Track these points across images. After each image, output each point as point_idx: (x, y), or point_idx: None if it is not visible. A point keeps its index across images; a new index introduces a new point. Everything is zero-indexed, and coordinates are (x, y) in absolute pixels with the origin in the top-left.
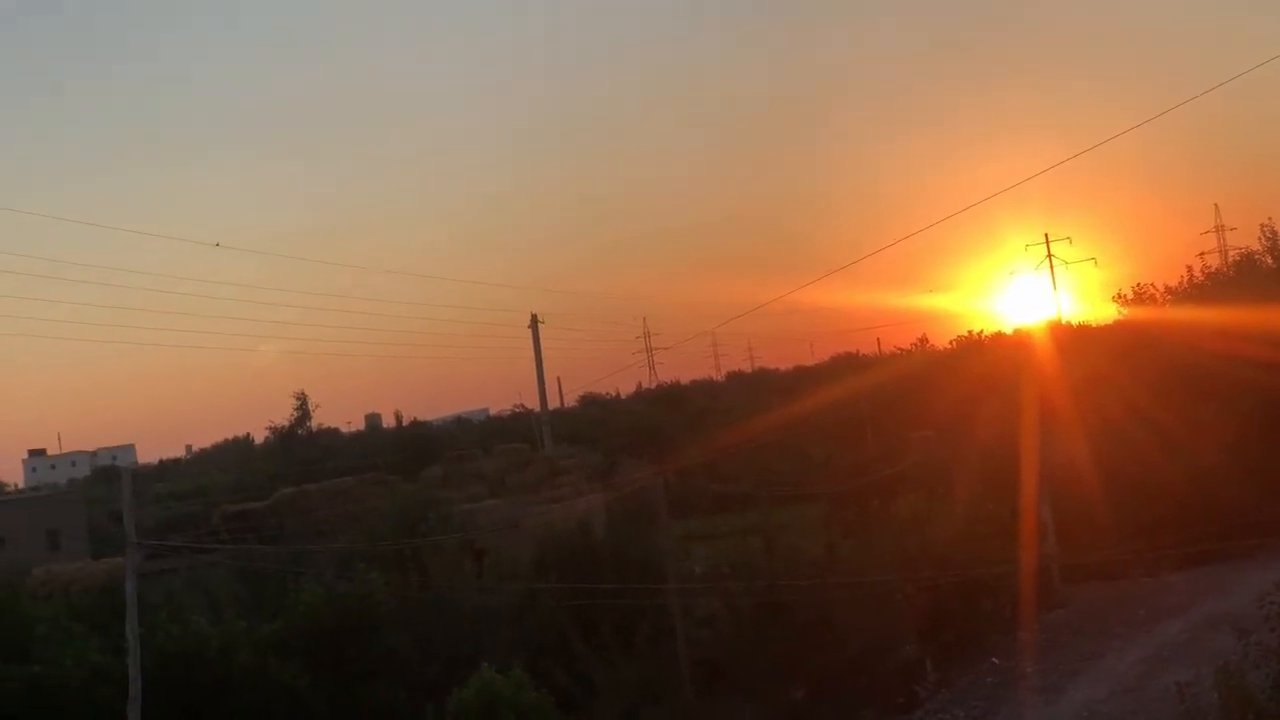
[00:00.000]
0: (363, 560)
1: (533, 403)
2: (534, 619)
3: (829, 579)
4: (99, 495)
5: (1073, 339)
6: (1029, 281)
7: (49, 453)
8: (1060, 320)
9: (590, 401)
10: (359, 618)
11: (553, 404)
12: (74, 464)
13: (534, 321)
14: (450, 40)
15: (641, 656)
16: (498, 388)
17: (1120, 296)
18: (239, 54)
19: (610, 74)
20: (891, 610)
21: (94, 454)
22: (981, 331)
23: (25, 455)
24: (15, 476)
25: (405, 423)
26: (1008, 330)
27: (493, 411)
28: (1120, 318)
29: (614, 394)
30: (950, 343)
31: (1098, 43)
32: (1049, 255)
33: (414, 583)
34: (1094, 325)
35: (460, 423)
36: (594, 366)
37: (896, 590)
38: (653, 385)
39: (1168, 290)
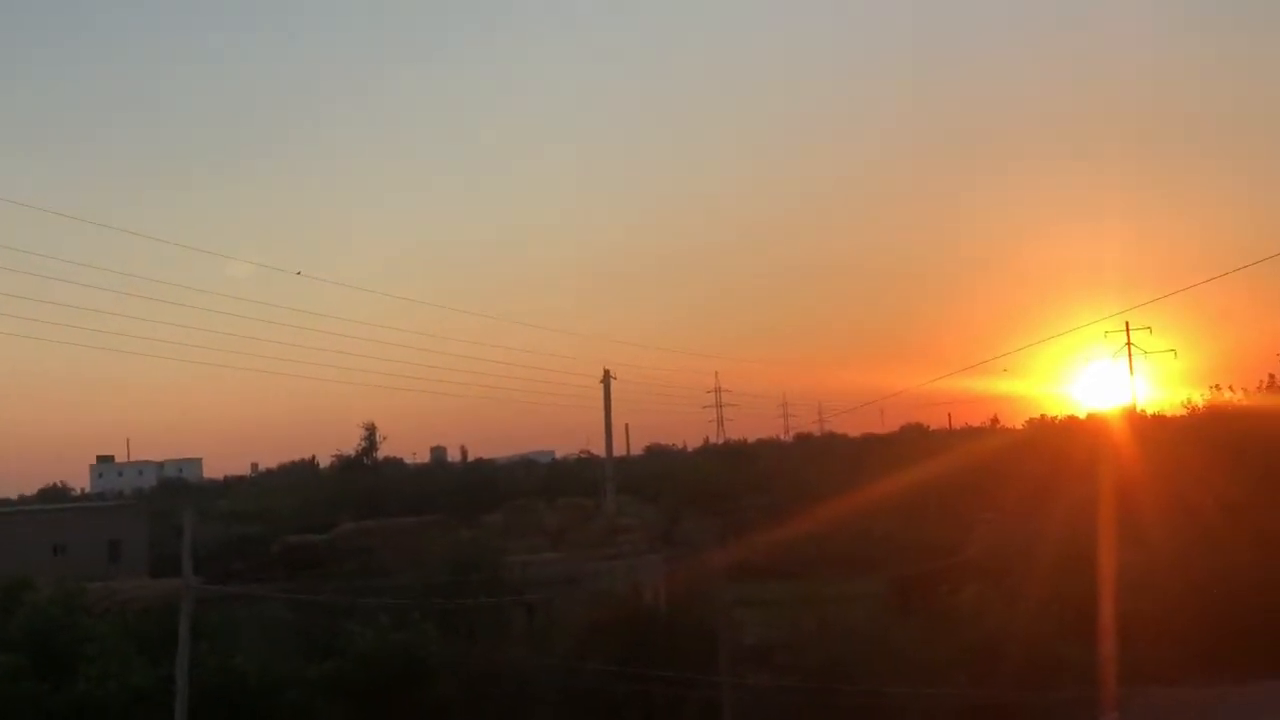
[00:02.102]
0: (418, 610)
1: (599, 448)
2: (584, 679)
3: (883, 663)
4: (163, 508)
5: (1150, 428)
6: (1105, 367)
7: (117, 460)
8: (1136, 408)
9: (656, 452)
10: (412, 667)
11: (619, 450)
12: (141, 473)
13: (606, 377)
14: (547, 95)
15: None
16: (566, 430)
17: (1216, 387)
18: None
19: (681, 134)
20: (945, 700)
21: (161, 465)
22: (1055, 416)
23: (93, 460)
24: (82, 481)
25: (470, 459)
26: (1081, 415)
27: (559, 455)
28: (1203, 407)
29: (681, 445)
30: (1023, 424)
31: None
32: (1129, 344)
33: (464, 632)
34: (1171, 415)
35: (526, 464)
36: (663, 416)
37: (953, 683)
38: (720, 441)
39: (1247, 392)
